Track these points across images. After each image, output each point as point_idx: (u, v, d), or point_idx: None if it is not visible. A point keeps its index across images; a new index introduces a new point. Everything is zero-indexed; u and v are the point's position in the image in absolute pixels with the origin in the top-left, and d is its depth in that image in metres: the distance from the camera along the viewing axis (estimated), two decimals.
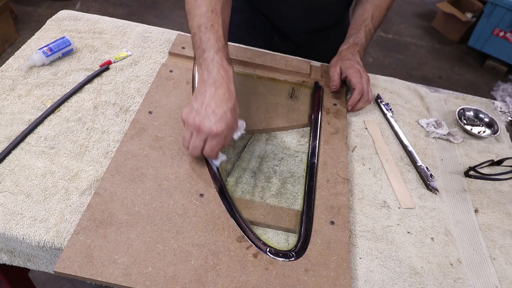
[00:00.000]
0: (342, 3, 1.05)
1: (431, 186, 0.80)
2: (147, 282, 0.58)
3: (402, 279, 0.66)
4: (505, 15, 2.80)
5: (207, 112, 0.67)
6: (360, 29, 0.95)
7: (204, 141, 0.68)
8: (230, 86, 0.70)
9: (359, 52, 0.93)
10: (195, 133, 0.68)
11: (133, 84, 0.90)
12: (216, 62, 0.70)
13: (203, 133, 0.67)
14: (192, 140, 0.69)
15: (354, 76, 0.88)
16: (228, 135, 0.70)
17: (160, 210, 0.66)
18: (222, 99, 0.68)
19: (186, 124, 0.69)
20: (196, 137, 0.68)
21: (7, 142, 0.74)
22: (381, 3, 0.97)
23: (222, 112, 0.67)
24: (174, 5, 3.12)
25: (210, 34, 0.72)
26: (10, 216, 0.65)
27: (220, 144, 0.69)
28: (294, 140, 0.85)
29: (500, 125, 0.98)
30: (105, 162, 0.74)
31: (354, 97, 0.89)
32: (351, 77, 0.89)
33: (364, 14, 0.96)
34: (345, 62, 0.91)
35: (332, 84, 0.92)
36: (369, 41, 0.97)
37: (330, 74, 0.93)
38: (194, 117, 0.67)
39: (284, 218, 0.70)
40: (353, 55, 0.92)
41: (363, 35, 0.94)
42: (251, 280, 0.60)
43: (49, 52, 0.89)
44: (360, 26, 0.95)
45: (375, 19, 0.96)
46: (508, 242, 0.75)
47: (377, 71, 1.55)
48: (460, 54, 3.19)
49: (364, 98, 0.90)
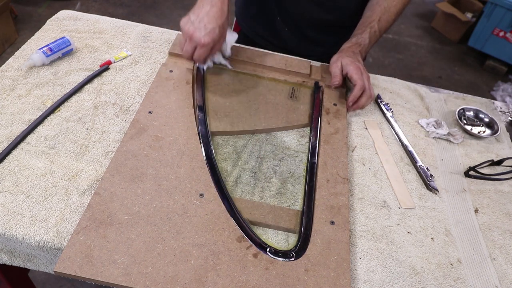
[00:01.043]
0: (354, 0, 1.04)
1: (431, 186, 0.81)
2: (147, 282, 0.58)
3: (402, 279, 0.66)
4: (505, 15, 2.80)
5: (199, 26, 0.80)
6: (365, 30, 0.95)
7: (194, 48, 0.82)
8: (224, 6, 0.82)
9: (361, 52, 0.93)
10: (188, 40, 0.82)
11: (133, 84, 0.90)
12: None
13: (194, 42, 0.81)
14: (185, 45, 0.83)
15: (355, 72, 0.88)
16: (215, 47, 0.84)
17: (160, 210, 0.66)
18: (214, 16, 0.80)
19: (182, 31, 0.83)
20: (188, 44, 0.83)
21: (7, 142, 0.74)
22: (390, 7, 0.97)
23: (211, 28, 0.80)
24: (174, 5, 3.12)
25: None
26: (10, 216, 0.65)
27: (206, 53, 0.84)
28: (294, 140, 0.85)
29: (500, 125, 0.98)
30: (105, 162, 0.74)
31: (355, 92, 0.88)
32: (352, 74, 0.89)
33: (372, 15, 0.96)
34: (345, 59, 0.91)
35: (335, 79, 0.91)
36: (373, 43, 0.97)
37: (331, 71, 0.93)
38: (189, 27, 0.81)
39: (284, 218, 0.70)
40: (354, 54, 0.92)
41: (367, 36, 0.94)
42: (251, 280, 0.60)
43: (49, 52, 0.89)
44: (365, 27, 0.95)
45: (382, 22, 0.96)
46: (508, 242, 0.75)
47: (377, 71, 1.55)
48: (460, 54, 3.20)
49: (366, 94, 0.89)
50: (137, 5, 3.06)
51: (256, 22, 1.15)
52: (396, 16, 0.98)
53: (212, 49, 0.84)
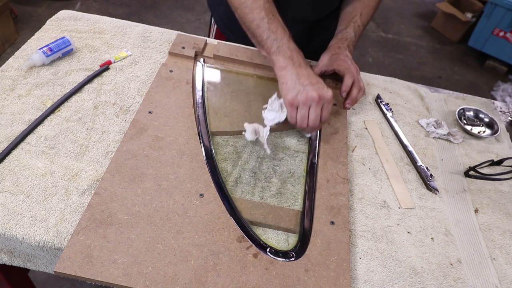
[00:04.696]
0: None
1: (431, 186, 0.80)
2: (147, 282, 0.58)
3: (402, 279, 0.66)
4: (505, 15, 2.80)
5: (314, 85, 0.76)
6: (348, 25, 0.96)
7: (321, 109, 0.78)
8: (308, 65, 0.81)
9: (348, 47, 0.94)
10: (314, 105, 0.77)
11: (133, 84, 0.90)
12: (293, 48, 0.80)
13: (322, 100, 0.76)
14: (311, 112, 0.77)
15: (341, 65, 0.89)
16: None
17: (160, 210, 0.66)
18: (314, 75, 0.78)
19: (301, 102, 0.77)
20: (314, 108, 0.77)
21: (7, 142, 0.74)
22: (369, 1, 0.98)
23: (323, 83, 0.78)
24: (174, 5, 3.12)
25: (277, 24, 0.81)
26: (10, 216, 0.65)
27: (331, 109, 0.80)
28: (294, 140, 0.85)
29: (500, 125, 0.98)
30: (105, 162, 0.74)
31: (346, 81, 0.88)
32: (339, 67, 0.90)
33: (353, 11, 0.98)
34: (331, 57, 0.91)
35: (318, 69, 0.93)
36: (358, 37, 0.98)
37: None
38: (306, 93, 0.76)
39: (284, 218, 0.70)
40: (340, 49, 0.92)
41: (352, 30, 0.95)
42: (251, 280, 0.60)
43: (49, 52, 0.89)
44: (349, 22, 0.97)
45: (363, 17, 0.97)
46: (508, 242, 0.75)
47: (377, 71, 1.55)
48: (460, 54, 3.19)
49: (356, 85, 0.89)
50: (137, 5, 3.06)
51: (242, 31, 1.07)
52: (374, 10, 1.00)
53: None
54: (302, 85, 0.76)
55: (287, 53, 0.79)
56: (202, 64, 0.96)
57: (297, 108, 0.78)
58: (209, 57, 0.99)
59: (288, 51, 0.79)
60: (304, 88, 0.76)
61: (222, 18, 1.15)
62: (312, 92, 0.76)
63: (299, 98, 0.76)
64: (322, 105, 0.77)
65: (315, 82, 0.77)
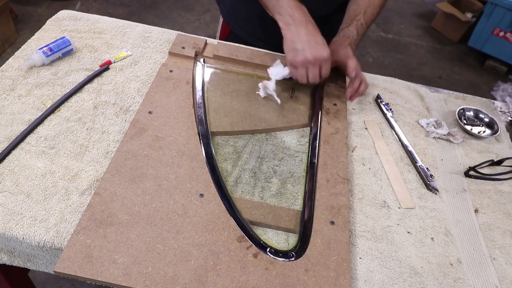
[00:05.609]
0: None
1: (431, 186, 0.80)
2: (147, 282, 0.58)
3: (402, 279, 0.66)
4: (505, 15, 2.80)
5: (312, 45, 0.80)
6: (351, 23, 0.96)
7: (320, 68, 0.83)
8: (312, 21, 0.83)
9: (350, 45, 0.94)
10: (311, 65, 0.82)
11: (133, 84, 0.90)
12: (294, 6, 0.83)
13: (318, 60, 0.81)
14: (310, 71, 0.83)
15: (342, 54, 0.90)
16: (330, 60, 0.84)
17: (160, 210, 0.66)
18: (313, 33, 0.82)
19: (299, 64, 0.82)
20: (313, 68, 0.82)
21: (7, 142, 0.74)
22: (374, 0, 0.98)
23: (322, 41, 0.81)
24: (174, 5, 3.12)
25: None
26: (10, 216, 0.65)
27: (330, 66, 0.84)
28: (294, 140, 0.85)
29: (500, 125, 0.98)
30: (105, 162, 0.74)
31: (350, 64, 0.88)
32: (340, 57, 0.90)
33: (357, 9, 0.98)
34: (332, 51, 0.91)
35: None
36: (361, 36, 0.98)
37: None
38: (304, 54, 0.81)
39: (284, 218, 0.70)
40: (341, 45, 0.92)
41: (354, 28, 0.95)
42: (251, 280, 0.60)
43: (49, 52, 0.89)
44: (352, 20, 0.97)
45: (367, 15, 0.97)
46: (508, 242, 0.75)
47: (377, 71, 1.55)
48: (460, 54, 3.19)
49: (359, 77, 0.89)
50: (137, 5, 3.06)
51: (246, 22, 1.13)
52: (379, 8, 1.00)
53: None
54: (300, 47, 0.81)
55: (289, 12, 0.82)
56: (202, 64, 0.96)
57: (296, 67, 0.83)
58: (209, 57, 0.99)
59: (289, 9, 0.82)
60: (302, 50, 0.81)
61: (228, 9, 1.17)
62: (308, 54, 0.80)
63: (297, 59, 0.82)
64: (319, 64, 0.82)
65: (313, 43, 0.80)
